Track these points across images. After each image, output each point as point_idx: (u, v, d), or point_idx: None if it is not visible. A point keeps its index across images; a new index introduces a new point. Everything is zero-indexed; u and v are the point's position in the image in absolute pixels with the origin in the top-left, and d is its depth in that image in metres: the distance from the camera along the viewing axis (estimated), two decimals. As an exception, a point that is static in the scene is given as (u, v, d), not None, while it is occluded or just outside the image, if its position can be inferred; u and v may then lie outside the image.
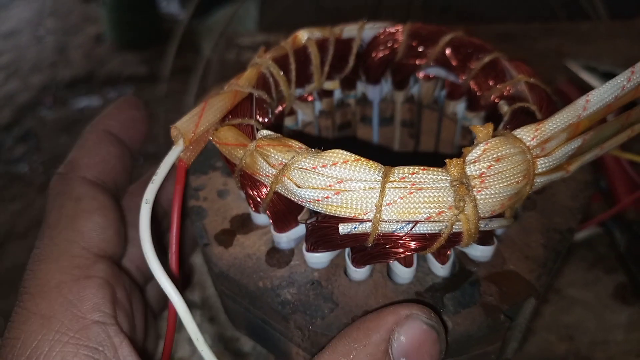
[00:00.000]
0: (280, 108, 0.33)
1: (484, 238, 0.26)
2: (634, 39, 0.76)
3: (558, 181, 0.31)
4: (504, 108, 0.30)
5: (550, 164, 0.25)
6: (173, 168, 0.27)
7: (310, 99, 0.36)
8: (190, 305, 0.48)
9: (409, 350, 0.22)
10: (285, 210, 0.27)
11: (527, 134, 0.25)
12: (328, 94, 0.37)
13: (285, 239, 0.28)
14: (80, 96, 2.18)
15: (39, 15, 2.71)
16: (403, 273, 0.26)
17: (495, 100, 0.32)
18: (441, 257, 0.27)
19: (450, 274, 0.27)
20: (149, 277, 0.33)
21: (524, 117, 0.28)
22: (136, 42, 2.32)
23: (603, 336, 0.47)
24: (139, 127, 0.33)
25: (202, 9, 1.87)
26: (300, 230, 0.28)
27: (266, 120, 0.30)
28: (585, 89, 0.67)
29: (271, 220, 0.28)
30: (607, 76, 0.68)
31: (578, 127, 0.26)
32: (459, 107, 0.36)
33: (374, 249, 0.25)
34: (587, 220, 0.51)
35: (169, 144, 0.27)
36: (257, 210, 0.28)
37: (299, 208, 0.28)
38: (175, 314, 0.24)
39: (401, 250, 0.24)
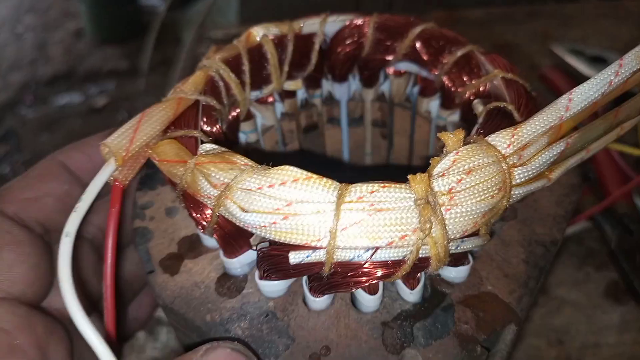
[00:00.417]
0: (234, 113, 0.30)
1: (457, 259, 0.23)
2: (621, 20, 0.73)
3: (541, 186, 0.29)
4: (479, 108, 0.27)
5: (529, 173, 0.22)
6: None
7: (270, 100, 0.33)
8: (157, 322, 0.45)
9: None
10: (235, 234, 0.24)
11: (502, 141, 0.22)
12: (290, 94, 0.34)
13: (237, 264, 0.25)
14: (61, 93, 2.13)
15: (17, 11, 2.65)
16: (367, 301, 0.23)
17: (471, 98, 0.29)
18: (410, 281, 0.24)
19: (420, 299, 0.24)
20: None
21: (499, 119, 0.25)
22: (117, 36, 2.26)
23: (594, 339, 0.44)
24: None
25: (182, 1, 1.83)
26: (253, 254, 0.25)
27: (215, 129, 0.27)
28: (572, 73, 0.64)
29: (219, 245, 0.25)
30: (593, 60, 0.65)
31: (560, 129, 0.23)
32: (433, 104, 0.33)
33: (333, 277, 0.22)
34: (576, 214, 0.49)
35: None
36: (205, 233, 0.25)
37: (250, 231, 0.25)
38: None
39: (362, 279, 0.21)
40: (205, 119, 0.27)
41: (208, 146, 0.23)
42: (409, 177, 0.21)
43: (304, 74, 0.33)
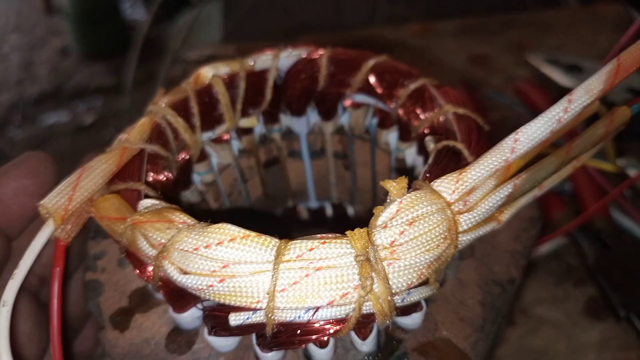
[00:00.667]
0: (185, 156, 0.29)
1: (408, 309, 0.23)
2: (596, 25, 0.73)
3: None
4: (430, 145, 0.26)
5: (476, 219, 0.22)
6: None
7: (225, 138, 0.32)
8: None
9: None
10: (180, 290, 0.23)
11: (447, 186, 0.22)
12: (247, 131, 0.33)
13: (187, 319, 0.25)
14: (48, 112, 2.12)
15: (2, 31, 2.64)
16: (319, 355, 0.23)
17: (425, 132, 0.28)
18: (362, 332, 0.23)
19: (375, 348, 0.24)
20: None
21: (448, 160, 0.24)
22: (103, 52, 2.26)
23: (574, 358, 0.43)
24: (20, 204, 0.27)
25: (167, 12, 1.82)
26: (202, 307, 0.25)
27: (162, 177, 0.27)
28: (548, 84, 0.63)
29: (167, 302, 0.24)
30: (569, 68, 0.64)
31: (509, 170, 0.23)
32: (392, 136, 0.32)
33: (279, 336, 0.21)
34: (552, 230, 0.48)
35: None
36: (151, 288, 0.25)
37: (198, 283, 0.24)
38: None
39: (307, 337, 0.21)
40: (151, 168, 0.26)
41: (148, 202, 0.23)
42: (348, 233, 0.20)
43: (260, 111, 0.32)
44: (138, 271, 0.23)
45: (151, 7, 1.91)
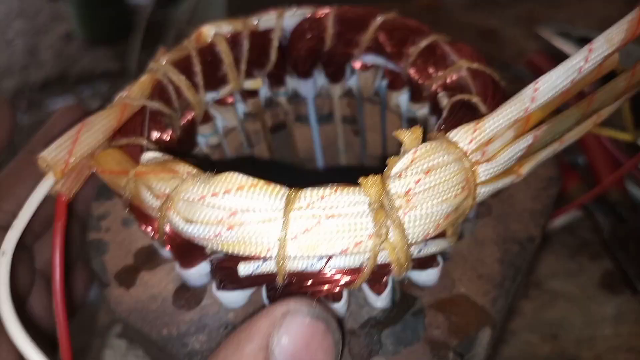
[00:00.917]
0: (189, 117, 0.28)
1: (424, 262, 0.22)
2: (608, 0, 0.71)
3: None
4: (444, 101, 0.25)
5: (495, 170, 0.21)
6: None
7: (230, 101, 0.31)
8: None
9: (295, 351, 0.18)
10: (188, 244, 0.23)
11: (463, 137, 0.21)
12: (252, 94, 0.32)
13: (195, 275, 0.24)
14: (54, 97, 2.11)
15: (6, 17, 2.63)
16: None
17: (438, 91, 0.27)
18: (376, 287, 0.22)
19: (389, 304, 0.23)
20: None
21: (463, 113, 0.23)
22: (107, 37, 2.23)
23: (590, 332, 0.43)
24: None
25: (170, -3, 1.80)
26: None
27: (165, 135, 0.26)
28: (560, 57, 0.62)
29: (173, 257, 0.23)
30: (581, 41, 0.63)
31: (528, 122, 0.22)
32: (402, 98, 0.31)
33: (289, 287, 0.20)
34: (566, 203, 0.47)
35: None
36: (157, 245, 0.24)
37: (204, 240, 0.23)
38: None
39: (320, 289, 0.20)
40: (152, 126, 0.25)
41: (150, 154, 0.22)
42: (361, 180, 0.19)
43: (265, 72, 0.31)
44: (143, 226, 0.22)
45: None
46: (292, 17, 0.30)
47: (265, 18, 0.30)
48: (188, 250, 0.23)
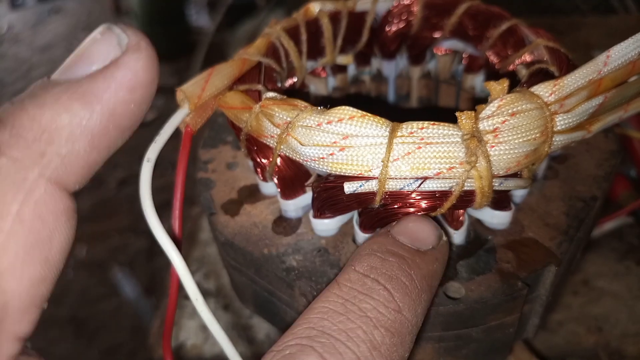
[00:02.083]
0: (291, 81, 0.32)
1: (500, 201, 0.25)
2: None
3: (582, 151, 0.30)
4: (523, 71, 0.29)
5: (570, 121, 0.24)
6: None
7: (323, 74, 0.35)
8: (205, 293, 0.47)
9: (407, 228, 0.23)
10: (293, 176, 0.26)
11: (544, 90, 0.24)
12: (342, 69, 0.36)
13: (293, 206, 0.27)
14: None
15: (73, 29, 2.78)
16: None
17: (515, 68, 0.31)
18: (454, 222, 0.25)
19: (464, 242, 0.26)
20: None
21: (542, 77, 0.27)
22: (167, 54, 2.35)
23: (635, 328, 0.44)
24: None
25: (230, 20, 1.90)
26: (307, 198, 0.27)
27: (276, 88, 0.30)
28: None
29: (278, 187, 0.27)
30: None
31: (599, 86, 0.25)
32: (477, 80, 0.34)
33: (382, 209, 0.24)
34: (617, 209, 0.49)
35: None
36: (264, 178, 0.28)
37: (306, 174, 0.27)
38: (178, 279, 0.23)
39: (411, 210, 0.23)
40: (266, 79, 0.29)
41: (270, 94, 0.26)
42: (457, 113, 0.22)
43: (355, 50, 0.35)
44: (257, 157, 0.26)
45: (216, 14, 1.99)
46: (385, 2, 0.34)
47: (363, 1, 0.34)
48: (291, 183, 0.27)
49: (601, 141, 0.30)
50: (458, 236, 0.26)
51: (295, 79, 0.33)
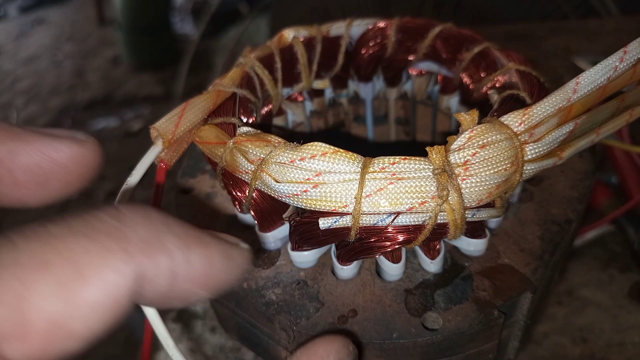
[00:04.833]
0: (267, 108, 0.33)
1: (474, 230, 0.25)
2: (644, 34, 0.74)
3: (557, 172, 0.30)
4: (494, 97, 0.29)
5: (540, 149, 0.24)
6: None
7: (300, 99, 0.35)
8: (192, 316, 0.47)
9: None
10: (269, 209, 0.26)
11: (514, 120, 0.24)
12: (319, 93, 0.36)
13: (271, 238, 0.27)
14: (98, 117, 2.21)
15: (57, 40, 2.77)
16: (391, 270, 0.25)
17: (487, 92, 0.31)
18: (430, 251, 0.26)
19: (441, 270, 0.26)
20: None
21: (512, 104, 0.27)
22: (152, 63, 2.35)
23: (619, 338, 0.45)
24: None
25: (215, 28, 1.90)
26: (286, 229, 0.27)
27: (251, 120, 0.30)
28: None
29: (255, 220, 0.27)
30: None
31: (570, 112, 0.25)
32: (453, 101, 0.35)
33: (358, 243, 0.24)
34: (599, 218, 0.50)
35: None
36: (241, 210, 0.28)
37: (283, 206, 0.27)
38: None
39: (386, 243, 0.23)
40: (241, 110, 0.29)
41: (245, 129, 0.26)
42: (427, 148, 0.23)
43: (331, 74, 0.35)
44: (234, 191, 0.26)
45: (200, 22, 2.00)
46: (359, 26, 0.34)
47: (337, 25, 0.34)
48: (269, 216, 0.27)
49: (576, 162, 0.31)
50: (435, 265, 0.26)
51: (270, 106, 0.33)
